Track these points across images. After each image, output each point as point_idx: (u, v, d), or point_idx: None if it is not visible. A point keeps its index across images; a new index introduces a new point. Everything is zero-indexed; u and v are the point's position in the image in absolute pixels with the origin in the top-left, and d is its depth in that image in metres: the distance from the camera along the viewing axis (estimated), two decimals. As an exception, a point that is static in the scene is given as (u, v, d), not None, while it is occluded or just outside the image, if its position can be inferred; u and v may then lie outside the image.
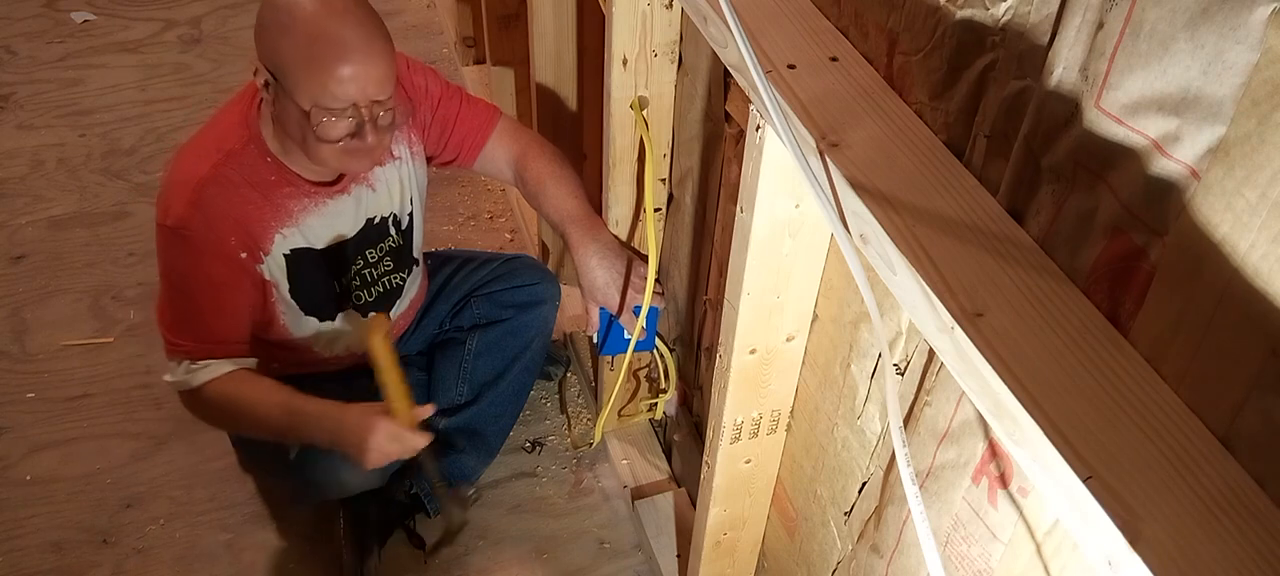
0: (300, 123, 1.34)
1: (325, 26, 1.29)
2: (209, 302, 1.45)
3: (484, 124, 1.62)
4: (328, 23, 1.30)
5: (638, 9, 1.35)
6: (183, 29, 3.16)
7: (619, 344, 1.61)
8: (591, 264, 1.53)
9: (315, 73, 1.30)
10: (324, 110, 1.32)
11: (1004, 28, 0.75)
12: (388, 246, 1.63)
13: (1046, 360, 0.66)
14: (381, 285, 1.65)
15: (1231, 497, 0.59)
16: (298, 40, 1.29)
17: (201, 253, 1.41)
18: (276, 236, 1.46)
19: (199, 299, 1.45)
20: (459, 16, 2.87)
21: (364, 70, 1.31)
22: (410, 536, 1.81)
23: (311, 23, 1.29)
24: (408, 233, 1.66)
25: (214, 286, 1.44)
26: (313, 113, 1.32)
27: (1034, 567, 0.84)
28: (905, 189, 0.80)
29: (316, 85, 1.30)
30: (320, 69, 1.30)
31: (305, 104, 1.32)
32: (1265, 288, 0.56)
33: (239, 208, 1.41)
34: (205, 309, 1.45)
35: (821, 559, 1.30)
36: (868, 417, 1.10)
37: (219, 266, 1.42)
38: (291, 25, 1.29)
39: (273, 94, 1.35)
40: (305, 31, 1.29)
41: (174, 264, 1.44)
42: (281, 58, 1.31)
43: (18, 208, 2.48)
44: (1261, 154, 0.54)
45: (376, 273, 1.63)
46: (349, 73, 1.30)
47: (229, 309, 1.47)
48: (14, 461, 1.92)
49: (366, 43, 1.32)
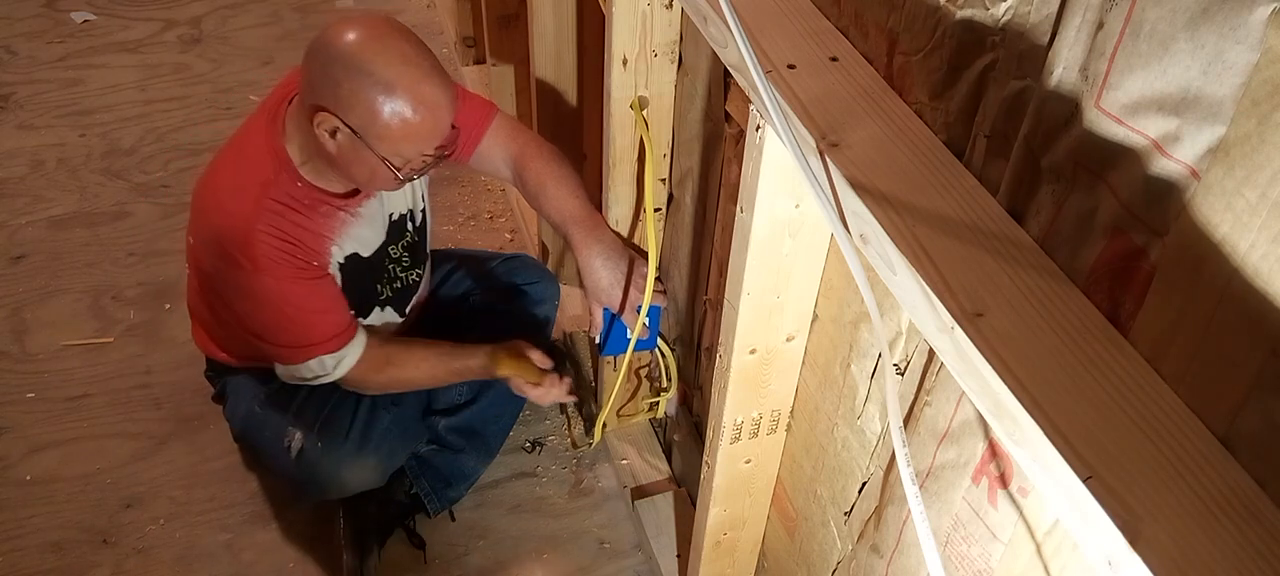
0: (373, 166, 1.36)
1: (418, 91, 1.31)
2: (316, 308, 1.49)
3: (480, 119, 1.61)
4: (419, 87, 1.31)
5: (638, 9, 1.35)
6: (183, 29, 3.16)
7: (621, 343, 1.61)
8: (595, 265, 1.53)
9: (410, 136, 1.33)
10: (406, 160, 1.36)
11: (1004, 28, 0.75)
12: (407, 242, 1.65)
13: (1046, 360, 0.66)
14: (400, 281, 1.66)
15: (1231, 498, 0.59)
16: (394, 107, 1.30)
17: (287, 278, 1.44)
18: (331, 248, 1.49)
19: (308, 310, 1.49)
20: (459, 16, 2.87)
21: (445, 122, 1.36)
22: (410, 536, 1.81)
23: (406, 88, 1.30)
24: (422, 229, 1.69)
25: (313, 295, 1.48)
26: (390, 161, 1.35)
27: (1034, 567, 0.84)
28: (905, 189, 0.80)
29: (409, 146, 1.34)
30: (414, 133, 1.33)
31: (384, 153, 1.34)
32: (1265, 288, 0.56)
33: (293, 232, 1.43)
34: (316, 312, 1.49)
35: (821, 559, 1.30)
36: (868, 417, 1.10)
37: (306, 279, 1.46)
38: (390, 92, 1.29)
39: (340, 140, 1.35)
40: (404, 101, 1.30)
41: (270, 298, 1.47)
42: (369, 116, 1.31)
43: (18, 208, 2.48)
44: (1261, 154, 0.54)
45: (398, 269, 1.65)
46: (439, 131, 1.35)
47: (334, 302, 1.51)
48: (14, 461, 1.92)
49: (449, 100, 1.35)
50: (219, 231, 1.45)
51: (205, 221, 1.48)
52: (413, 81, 1.31)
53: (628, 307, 1.55)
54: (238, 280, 1.45)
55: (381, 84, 1.29)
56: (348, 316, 1.52)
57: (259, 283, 1.44)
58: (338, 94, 1.31)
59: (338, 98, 1.31)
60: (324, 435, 1.62)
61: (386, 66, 1.29)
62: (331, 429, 1.62)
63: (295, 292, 1.46)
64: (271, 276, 1.43)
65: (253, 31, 3.16)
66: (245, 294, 1.48)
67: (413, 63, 1.32)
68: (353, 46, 1.30)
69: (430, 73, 1.33)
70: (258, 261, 1.41)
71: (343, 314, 1.52)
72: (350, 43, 1.30)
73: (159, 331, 2.17)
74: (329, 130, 1.33)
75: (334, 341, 1.50)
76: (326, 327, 1.50)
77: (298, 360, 1.51)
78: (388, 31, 1.33)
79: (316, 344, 1.49)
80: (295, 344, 1.50)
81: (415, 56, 1.32)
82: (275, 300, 1.46)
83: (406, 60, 1.31)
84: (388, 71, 1.29)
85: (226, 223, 1.43)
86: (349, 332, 1.52)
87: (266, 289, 1.45)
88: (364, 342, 1.54)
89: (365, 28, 1.32)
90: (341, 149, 1.35)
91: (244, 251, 1.41)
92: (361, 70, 1.29)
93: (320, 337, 1.49)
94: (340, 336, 1.51)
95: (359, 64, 1.29)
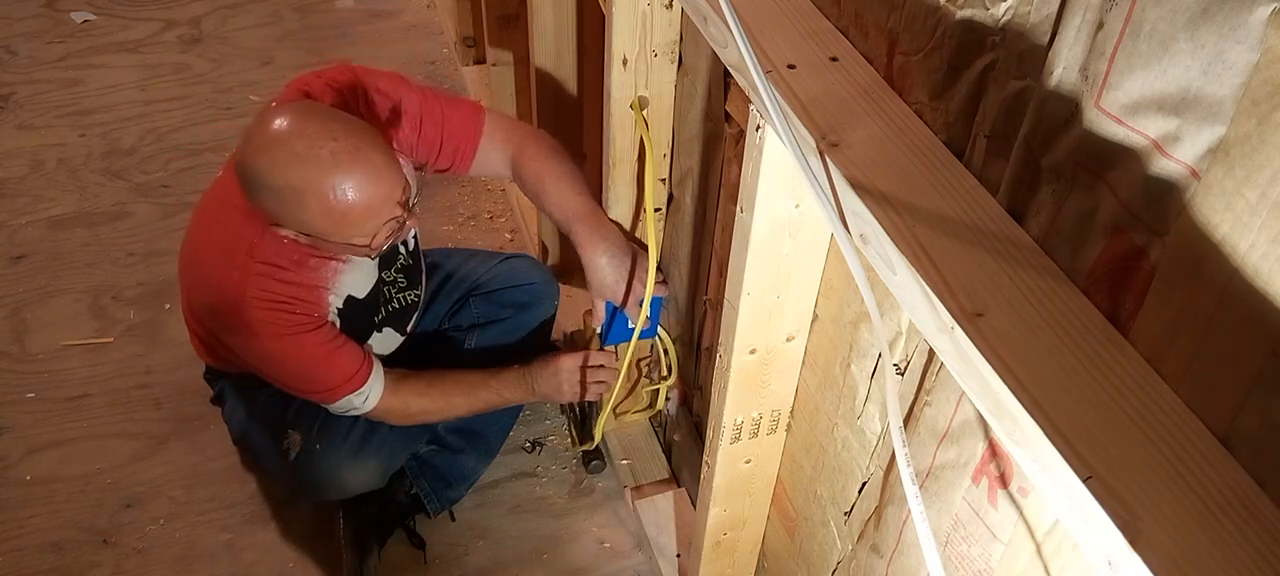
0: (346, 249, 1.38)
1: (334, 183, 1.26)
2: (325, 356, 1.49)
3: (473, 126, 1.58)
4: (333, 179, 1.26)
5: (638, 9, 1.35)
6: (183, 29, 3.16)
7: (623, 333, 1.61)
8: (600, 262, 1.53)
9: (350, 225, 1.32)
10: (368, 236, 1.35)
11: (1004, 28, 0.75)
12: (400, 265, 1.65)
13: (1046, 360, 0.66)
14: (397, 302, 1.66)
15: (1231, 497, 0.59)
16: (316, 210, 1.29)
17: (284, 337, 1.45)
18: (328, 298, 1.49)
19: (314, 363, 1.49)
20: (459, 16, 2.87)
21: (387, 190, 1.32)
22: (410, 536, 1.81)
23: (320, 190, 1.27)
24: (416, 252, 1.70)
25: (314, 345, 1.48)
26: (355, 244, 1.36)
27: (1034, 567, 0.84)
28: (905, 189, 0.80)
29: (359, 227, 1.33)
30: (356, 216, 1.31)
31: (343, 240, 1.35)
32: (1265, 288, 0.56)
33: (286, 293, 1.43)
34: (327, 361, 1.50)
35: (821, 559, 1.30)
36: (868, 417, 1.10)
37: (305, 333, 1.46)
38: (303, 199, 1.27)
39: (304, 241, 1.37)
40: (320, 202, 1.27)
41: (273, 358, 1.48)
42: (307, 225, 1.32)
43: (18, 208, 2.48)
44: (1261, 154, 0.54)
45: (392, 291, 1.65)
46: (377, 208, 1.32)
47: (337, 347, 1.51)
48: (14, 461, 1.92)
49: (375, 170, 1.30)
50: (212, 304, 1.46)
51: (197, 295, 1.50)
52: (318, 179, 1.26)
53: (631, 301, 1.55)
54: (238, 344, 1.48)
55: (295, 194, 1.27)
56: (359, 356, 1.53)
57: (259, 346, 1.45)
58: (271, 212, 1.32)
59: (274, 215, 1.32)
60: (323, 437, 1.62)
61: (288, 176, 1.26)
62: (330, 431, 1.62)
63: (296, 350, 1.46)
64: (271, 339, 1.44)
65: (253, 31, 3.16)
66: (251, 356, 1.50)
67: (310, 159, 1.25)
68: (259, 164, 1.28)
69: (335, 161, 1.26)
70: (255, 328, 1.42)
71: (352, 355, 1.52)
72: (256, 161, 1.28)
73: (159, 331, 2.17)
74: (288, 238, 1.36)
75: (351, 382, 1.52)
76: (338, 371, 1.51)
77: (332, 401, 1.53)
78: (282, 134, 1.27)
79: (335, 388, 1.51)
80: (317, 392, 1.53)
81: (310, 150, 1.25)
82: (281, 358, 1.48)
83: (303, 158, 1.26)
84: (292, 180, 1.26)
85: (218, 295, 1.44)
86: (365, 370, 1.53)
87: (268, 350, 1.46)
88: (381, 375, 1.56)
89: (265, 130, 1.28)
90: (311, 245, 1.38)
91: (240, 319, 1.42)
92: (274, 189, 1.28)
93: (336, 382, 1.51)
94: (356, 376, 1.52)
95: (269, 183, 1.28)
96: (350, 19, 3.23)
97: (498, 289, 1.81)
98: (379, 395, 1.55)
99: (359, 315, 1.56)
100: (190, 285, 1.52)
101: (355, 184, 1.28)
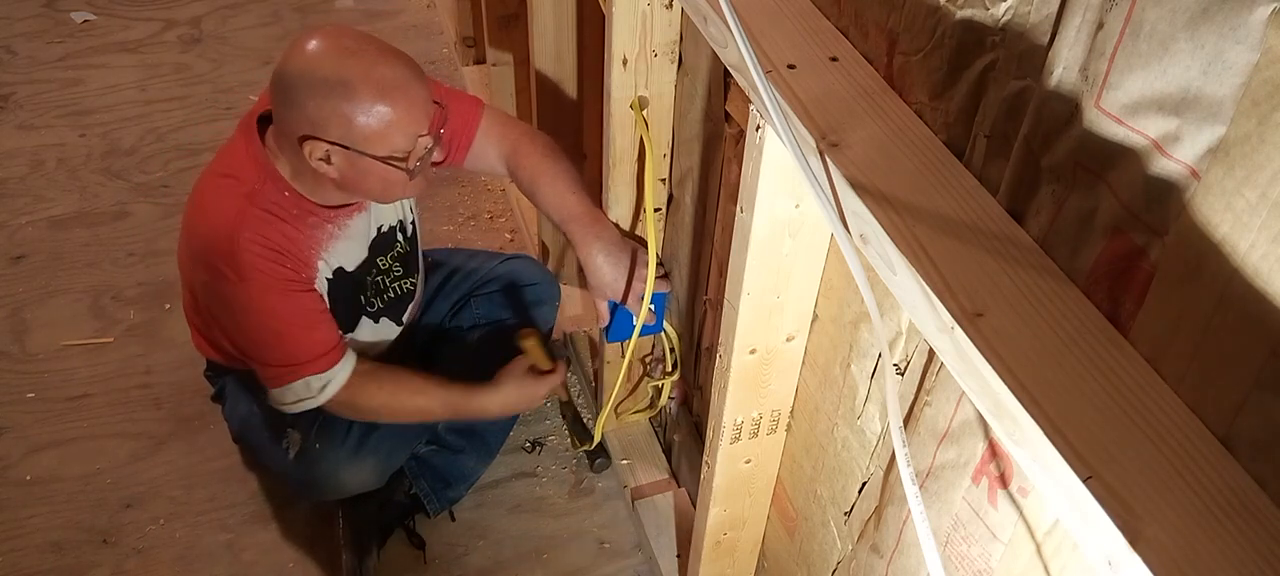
0: (382, 173, 1.36)
1: (383, 75, 1.31)
2: (303, 323, 1.47)
3: (471, 119, 1.59)
4: (380, 71, 1.31)
5: (638, 9, 1.35)
6: (183, 29, 3.16)
7: (627, 330, 1.61)
8: (598, 261, 1.53)
9: (393, 126, 1.32)
10: (405, 150, 1.35)
11: (1004, 28, 0.75)
12: (397, 253, 1.64)
13: (1046, 360, 0.66)
14: (393, 291, 1.65)
15: (1231, 498, 0.59)
16: (365, 101, 1.30)
17: (274, 289, 1.42)
18: (319, 262, 1.47)
19: (295, 324, 1.46)
20: (459, 16, 2.87)
21: (423, 96, 1.35)
22: (410, 536, 1.81)
23: (370, 80, 1.30)
24: (413, 239, 1.68)
25: (300, 308, 1.46)
26: (393, 159, 1.35)
27: (1034, 567, 0.84)
28: (905, 189, 0.80)
29: (398, 134, 1.33)
30: (395, 120, 1.32)
31: (385, 152, 1.34)
32: (1265, 287, 0.56)
33: (279, 241, 1.42)
34: (304, 329, 1.47)
35: (821, 559, 1.30)
36: (868, 417, 1.10)
37: (294, 292, 1.44)
38: (352, 88, 1.30)
39: (337, 161, 1.35)
40: (370, 92, 1.30)
41: (256, 310, 1.44)
42: (345, 124, 1.31)
43: (18, 208, 2.48)
44: (1261, 154, 0.54)
45: (388, 280, 1.64)
46: (418, 109, 1.34)
47: (320, 318, 1.49)
48: (14, 461, 1.92)
49: (414, 72, 1.35)
50: (205, 241, 1.43)
51: (191, 233, 1.47)
52: (364, 71, 1.30)
53: (632, 297, 1.55)
54: (224, 292, 1.44)
55: (339, 87, 1.29)
56: (336, 336, 1.50)
57: (244, 294, 1.42)
58: (309, 117, 1.31)
59: (312, 121, 1.31)
60: (322, 436, 1.62)
61: (335, 69, 1.29)
62: (329, 430, 1.62)
63: (281, 306, 1.44)
64: (257, 286, 1.41)
65: (253, 31, 3.16)
66: (232, 307, 1.46)
67: (356, 54, 1.31)
68: (300, 65, 1.31)
69: (380, 58, 1.32)
70: (243, 270, 1.39)
71: (330, 333, 1.49)
72: (298, 64, 1.31)
73: (159, 331, 2.17)
74: (321, 156, 1.34)
75: (320, 361, 1.47)
76: (313, 345, 1.47)
77: (284, 381, 1.48)
78: (326, 38, 1.33)
79: (302, 364, 1.47)
80: (281, 363, 1.47)
81: (357, 48, 1.32)
82: (261, 313, 1.44)
83: (350, 53, 1.31)
84: (338, 72, 1.29)
85: (211, 232, 1.42)
86: (336, 353, 1.49)
87: (251, 300, 1.43)
88: (352, 365, 1.51)
89: (306, 43, 1.32)
90: (342, 169, 1.36)
91: (229, 261, 1.39)
92: (316, 84, 1.29)
93: (306, 357, 1.47)
94: (327, 356, 1.48)
95: (311, 79, 1.30)
96: (350, 19, 3.23)
97: (499, 290, 1.81)
98: (340, 386, 1.50)
99: (348, 291, 1.54)
100: (186, 224, 1.49)
101: (400, 78, 1.33)
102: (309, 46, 1.32)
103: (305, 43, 1.32)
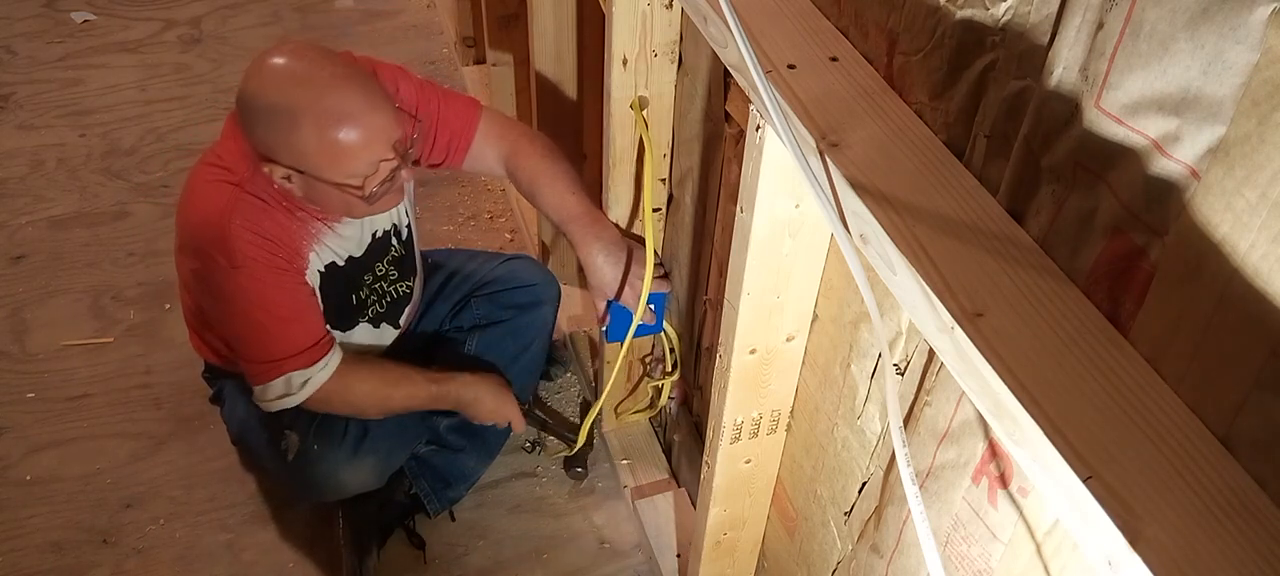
0: (340, 196, 1.36)
1: (330, 105, 1.28)
2: (289, 315, 1.46)
3: (468, 121, 1.59)
4: (329, 100, 1.28)
5: (638, 9, 1.35)
6: (183, 29, 3.16)
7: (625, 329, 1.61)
8: (597, 261, 1.53)
9: (343, 155, 1.31)
10: (361, 176, 1.34)
11: (1004, 28, 0.75)
12: (392, 257, 1.64)
13: (1046, 360, 0.66)
14: (391, 294, 1.65)
15: (1231, 497, 0.59)
16: (310, 133, 1.29)
17: (263, 277, 1.42)
18: (310, 254, 1.47)
19: (282, 315, 1.45)
20: (459, 16, 2.87)
21: (382, 122, 1.33)
22: (410, 536, 1.81)
23: (316, 110, 1.28)
24: (409, 242, 1.67)
25: (288, 299, 1.45)
26: (348, 184, 1.34)
27: (1034, 567, 0.84)
28: (905, 189, 0.80)
29: (353, 162, 1.32)
30: (346, 151, 1.30)
31: (340, 179, 1.33)
32: (1265, 287, 0.56)
33: (271, 229, 1.42)
34: (290, 320, 1.46)
35: (821, 559, 1.30)
36: (868, 417, 1.10)
37: (286, 281, 1.44)
38: (297, 120, 1.28)
39: (295, 181, 1.35)
40: (316, 123, 1.28)
41: (243, 298, 1.44)
42: (299, 154, 1.30)
43: (18, 208, 2.48)
44: (1261, 154, 0.54)
45: (385, 284, 1.64)
46: (371, 136, 1.32)
47: (308, 311, 1.48)
48: (14, 461, 1.92)
49: (369, 100, 1.32)
50: (197, 228, 1.43)
51: (184, 221, 1.47)
52: (313, 100, 1.28)
53: (630, 296, 1.55)
54: (215, 280, 1.43)
55: (287, 117, 1.28)
56: (322, 332, 1.49)
57: (234, 282, 1.41)
58: (264, 143, 1.31)
59: (268, 146, 1.31)
60: (320, 437, 1.62)
61: (285, 98, 1.28)
62: (327, 431, 1.62)
63: (270, 295, 1.43)
64: (246, 274, 1.40)
65: (253, 31, 3.16)
66: (221, 296, 1.45)
67: (306, 82, 1.28)
68: (254, 91, 1.29)
69: (330, 86, 1.29)
70: (234, 257, 1.39)
71: (317, 328, 1.49)
72: (252, 88, 1.30)
73: (159, 331, 2.17)
74: (282, 176, 1.34)
75: (304, 356, 1.46)
76: (298, 339, 1.46)
77: (267, 377, 1.47)
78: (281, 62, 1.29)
79: (286, 358, 1.46)
80: (262, 359, 1.47)
81: (308, 75, 1.28)
82: (249, 301, 1.43)
83: (300, 81, 1.28)
84: (288, 102, 1.27)
85: (204, 219, 1.41)
86: (321, 349, 1.48)
87: (241, 289, 1.42)
88: (336, 362, 1.50)
89: (263, 65, 1.30)
90: (303, 189, 1.36)
91: (221, 247, 1.39)
92: (267, 112, 1.29)
93: (290, 351, 1.46)
94: (311, 351, 1.47)
95: (263, 106, 1.29)
96: (350, 19, 3.23)
97: (499, 290, 1.81)
98: (318, 385, 1.49)
99: (340, 287, 1.54)
100: (180, 224, 1.49)
101: (352, 109, 1.29)
102: (264, 70, 1.30)
103: (262, 65, 1.31)
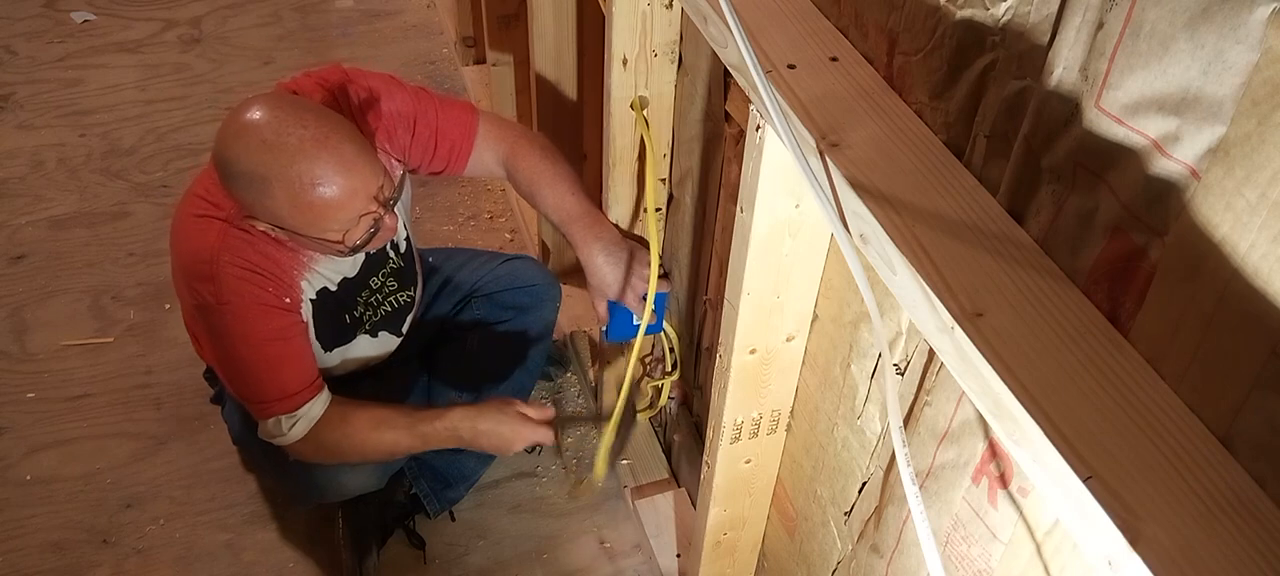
0: (321, 246, 1.34)
1: (300, 171, 1.23)
2: (277, 356, 1.43)
3: (468, 128, 1.57)
4: (299, 166, 1.23)
5: (638, 9, 1.35)
6: (183, 29, 3.16)
7: (626, 330, 1.61)
8: (598, 261, 1.52)
9: (319, 216, 1.27)
10: (340, 230, 1.30)
11: (1004, 28, 0.75)
12: (390, 269, 1.62)
13: (1046, 360, 0.66)
14: (389, 305, 1.64)
15: (1231, 498, 0.59)
16: (282, 198, 1.25)
17: (253, 316, 1.39)
18: (302, 282, 1.45)
19: (269, 356, 1.43)
20: (459, 16, 2.87)
21: (358, 182, 1.27)
22: (410, 536, 1.81)
23: (287, 177, 1.23)
24: (408, 253, 1.66)
25: (279, 339, 1.43)
26: (327, 240, 1.31)
27: (1034, 567, 0.84)
28: (905, 189, 0.80)
29: (326, 222, 1.28)
30: (322, 212, 1.27)
31: (318, 235, 1.31)
32: (1265, 288, 0.56)
33: (259, 261, 1.39)
34: (277, 362, 1.44)
35: (821, 559, 1.30)
36: (868, 417, 1.10)
37: (274, 319, 1.41)
38: (269, 186, 1.24)
39: (278, 233, 1.33)
40: (287, 189, 1.24)
41: (233, 337, 1.42)
42: (274, 214, 1.28)
43: (18, 208, 2.48)
44: (1261, 154, 0.54)
45: (382, 296, 1.63)
46: (346, 201, 1.27)
47: (298, 353, 1.45)
48: (14, 461, 1.92)
49: (340, 161, 1.26)
50: (186, 265, 1.41)
51: (174, 254, 1.46)
52: (282, 168, 1.23)
53: (632, 297, 1.55)
54: (207, 318, 1.42)
55: (259, 183, 1.24)
56: (311, 375, 1.46)
57: (221, 320, 1.40)
58: (241, 201, 1.29)
59: (246, 205, 1.29)
60: (321, 437, 1.61)
61: (257, 164, 1.23)
62: (329, 431, 1.61)
63: (256, 332, 1.40)
64: (233, 312, 1.38)
65: (253, 31, 3.16)
66: (212, 330, 1.44)
67: (275, 148, 1.23)
68: (227, 151, 1.25)
69: (299, 153, 1.23)
70: (222, 294, 1.37)
71: (307, 370, 1.46)
72: (225, 148, 1.25)
73: (159, 331, 2.17)
74: (263, 229, 1.32)
75: (290, 400, 1.44)
76: (286, 382, 1.44)
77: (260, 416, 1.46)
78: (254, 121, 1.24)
79: (271, 401, 1.44)
80: (251, 399, 1.45)
81: (278, 139, 1.23)
82: (235, 339, 1.41)
83: (269, 147, 1.23)
84: (259, 169, 1.23)
85: (193, 254, 1.39)
86: (309, 392, 1.45)
87: (228, 327, 1.40)
88: (324, 407, 1.47)
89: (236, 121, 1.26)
90: (287, 237, 1.34)
91: (209, 284, 1.37)
92: (241, 176, 1.25)
93: (275, 395, 1.43)
94: (298, 395, 1.44)
95: (237, 170, 1.25)
96: (350, 19, 3.23)
97: (499, 290, 1.81)
98: (307, 429, 1.46)
99: (335, 309, 1.52)
100: (173, 260, 1.47)
101: (322, 173, 1.24)
102: (236, 131, 1.25)
103: (235, 124, 1.26)
